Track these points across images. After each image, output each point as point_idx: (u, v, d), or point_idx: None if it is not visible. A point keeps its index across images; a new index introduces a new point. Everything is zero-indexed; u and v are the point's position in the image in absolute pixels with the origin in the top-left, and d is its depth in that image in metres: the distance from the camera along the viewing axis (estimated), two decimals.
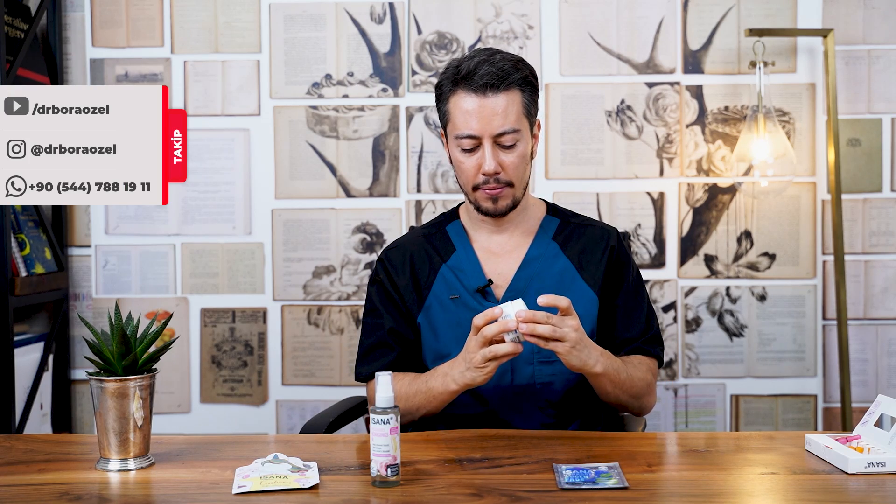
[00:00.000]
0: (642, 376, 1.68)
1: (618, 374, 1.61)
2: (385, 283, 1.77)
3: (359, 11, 2.70)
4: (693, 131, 2.68)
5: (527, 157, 1.69)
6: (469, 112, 1.63)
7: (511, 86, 1.64)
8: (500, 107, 1.62)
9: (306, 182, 2.70)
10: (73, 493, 1.25)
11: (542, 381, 1.68)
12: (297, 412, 2.71)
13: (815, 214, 2.67)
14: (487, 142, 1.64)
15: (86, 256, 2.75)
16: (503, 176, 1.66)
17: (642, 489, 1.24)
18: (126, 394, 1.34)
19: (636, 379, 1.66)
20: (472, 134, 1.64)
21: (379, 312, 1.76)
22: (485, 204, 1.69)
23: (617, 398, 1.65)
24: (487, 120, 1.62)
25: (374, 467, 1.26)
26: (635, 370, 1.67)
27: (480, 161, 1.65)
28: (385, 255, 1.81)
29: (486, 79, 1.62)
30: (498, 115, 1.62)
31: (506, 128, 1.63)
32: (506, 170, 1.65)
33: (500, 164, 1.65)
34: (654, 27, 2.67)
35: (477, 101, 1.63)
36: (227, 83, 2.71)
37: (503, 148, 1.65)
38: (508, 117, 1.63)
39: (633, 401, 1.67)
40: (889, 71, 2.69)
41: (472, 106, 1.63)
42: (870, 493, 1.23)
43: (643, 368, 1.70)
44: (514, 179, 1.67)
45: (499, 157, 1.64)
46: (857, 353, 2.70)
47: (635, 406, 1.69)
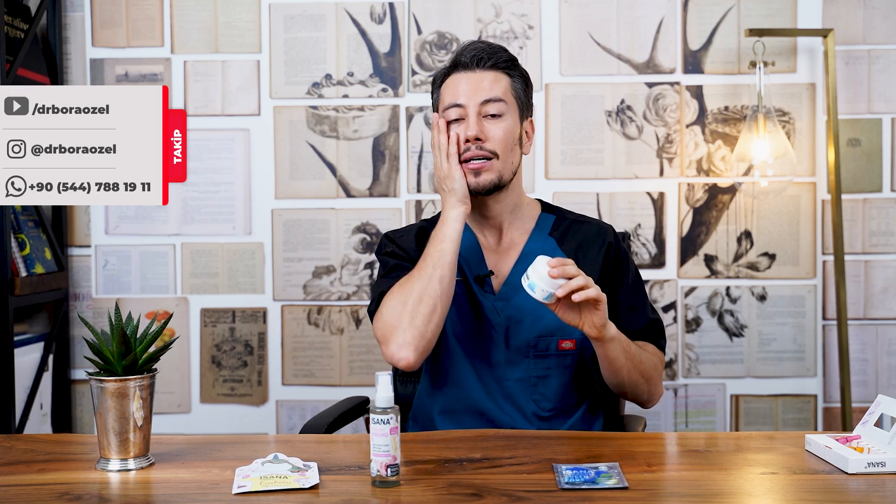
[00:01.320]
0: (650, 359, 1.68)
1: (629, 344, 1.62)
2: (397, 252, 1.76)
3: (359, 11, 2.70)
4: (693, 131, 2.68)
5: (513, 135, 1.69)
6: (457, 85, 1.69)
7: (499, 65, 1.70)
8: (487, 79, 1.68)
9: (306, 182, 2.71)
10: (73, 493, 1.25)
11: (538, 375, 1.68)
12: (297, 412, 2.71)
13: (815, 214, 2.67)
14: (473, 110, 1.67)
15: (86, 256, 2.75)
16: (487, 144, 1.66)
17: (642, 489, 1.24)
18: (126, 394, 1.34)
19: (645, 357, 1.66)
20: (457, 102, 1.67)
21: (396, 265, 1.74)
22: (469, 179, 1.68)
23: (629, 373, 1.63)
24: (474, 90, 1.67)
25: (374, 467, 1.26)
26: (644, 352, 1.67)
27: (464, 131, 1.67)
28: (392, 234, 1.81)
29: (474, 53, 1.69)
30: (484, 86, 1.67)
31: (491, 95, 1.67)
32: (489, 139, 1.66)
33: (483, 133, 1.66)
34: (654, 27, 2.67)
35: (465, 75, 1.69)
36: (227, 83, 2.71)
37: (488, 119, 1.67)
38: (494, 89, 1.68)
39: (643, 381, 1.66)
40: (889, 71, 2.69)
41: (461, 80, 1.69)
42: (870, 493, 1.23)
43: (650, 351, 1.70)
44: (499, 151, 1.67)
45: (483, 126, 1.67)
46: (857, 353, 2.70)
47: (645, 390, 1.68)
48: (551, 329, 1.67)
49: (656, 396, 1.72)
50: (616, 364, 1.62)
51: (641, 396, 1.70)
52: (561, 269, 1.47)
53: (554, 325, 1.67)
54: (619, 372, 1.63)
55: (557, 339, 1.68)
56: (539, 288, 1.49)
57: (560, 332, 1.68)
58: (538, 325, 1.68)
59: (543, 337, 1.68)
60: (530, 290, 1.49)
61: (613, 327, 1.57)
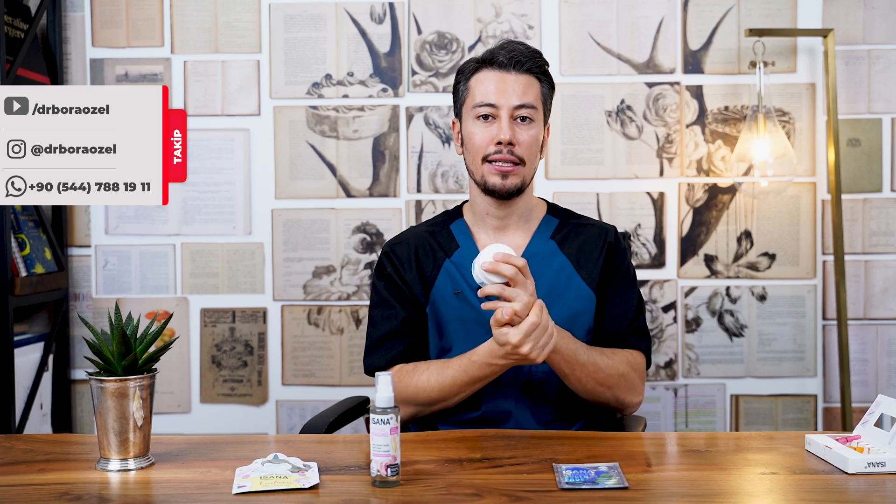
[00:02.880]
0: (614, 366, 1.65)
1: (575, 355, 1.59)
2: (393, 276, 1.76)
3: (359, 11, 2.70)
4: (693, 131, 2.68)
5: (539, 142, 1.71)
6: (491, 83, 1.68)
7: (533, 69, 1.70)
8: (521, 83, 1.68)
9: (306, 182, 2.70)
10: (73, 493, 1.25)
11: (540, 378, 1.68)
12: (297, 412, 2.71)
13: (815, 214, 2.67)
14: (505, 112, 1.67)
15: (86, 256, 2.75)
16: (517, 150, 1.67)
17: (642, 489, 1.24)
18: (126, 394, 1.34)
19: (603, 366, 1.63)
20: (491, 102, 1.67)
21: (390, 304, 1.75)
22: (492, 179, 1.68)
23: (581, 384, 1.62)
24: (509, 92, 1.67)
25: (374, 467, 1.26)
26: (606, 359, 1.64)
27: (495, 132, 1.67)
28: (390, 249, 1.80)
29: (512, 54, 1.68)
30: (519, 90, 1.67)
31: (525, 100, 1.67)
32: (520, 145, 1.67)
33: (515, 138, 1.66)
34: (654, 27, 2.67)
35: (500, 75, 1.68)
36: (227, 83, 2.71)
37: (520, 123, 1.68)
38: (528, 94, 1.68)
39: (603, 390, 1.64)
40: (889, 71, 2.69)
41: (494, 78, 1.69)
42: (870, 493, 1.23)
43: (618, 359, 1.67)
44: (527, 158, 1.68)
45: (515, 130, 1.67)
46: (857, 353, 2.70)
47: (609, 398, 1.66)
48: None
49: (628, 404, 1.69)
50: (561, 372, 1.61)
51: (610, 404, 1.69)
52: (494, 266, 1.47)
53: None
54: (568, 380, 1.63)
55: None
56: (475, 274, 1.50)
57: None
58: None
59: None
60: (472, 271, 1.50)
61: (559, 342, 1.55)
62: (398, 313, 1.74)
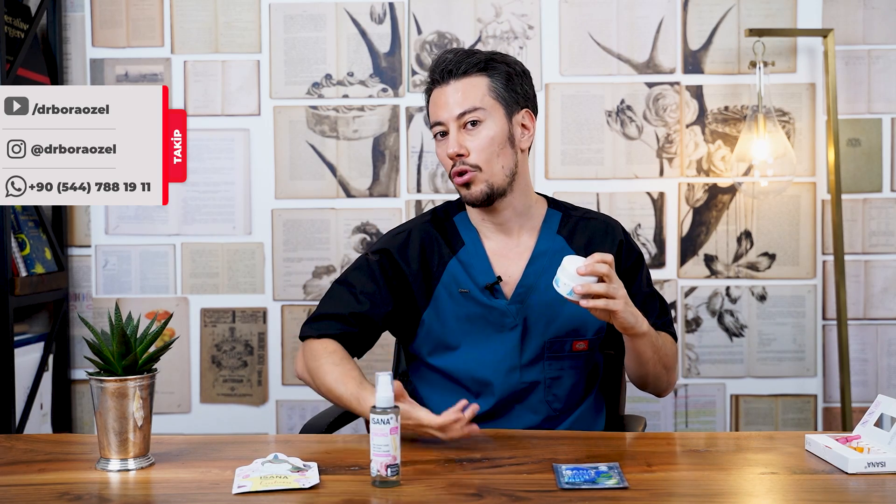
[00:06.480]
0: (671, 348, 1.69)
1: (656, 338, 1.62)
2: (386, 267, 1.73)
3: (359, 11, 2.70)
4: (693, 131, 2.68)
5: (497, 140, 1.66)
6: (436, 101, 1.69)
7: (469, 71, 1.66)
8: (459, 90, 1.66)
9: (306, 182, 2.71)
10: (73, 493, 1.25)
11: (552, 376, 1.69)
12: (297, 412, 2.71)
13: (815, 214, 2.67)
14: (453, 125, 1.66)
15: (86, 256, 2.75)
16: (469, 159, 1.65)
17: (642, 489, 1.24)
18: (126, 394, 1.34)
19: (667, 348, 1.67)
20: (439, 120, 1.67)
21: (364, 291, 1.72)
22: (462, 191, 1.68)
23: (654, 365, 1.64)
24: (450, 104, 1.66)
25: (374, 467, 1.26)
26: (664, 341, 1.68)
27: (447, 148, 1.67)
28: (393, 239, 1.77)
29: (442, 66, 1.67)
30: (458, 98, 1.66)
31: (464, 107, 1.65)
32: (471, 152, 1.65)
33: (464, 147, 1.65)
34: (654, 27, 2.67)
35: (440, 91, 1.68)
36: (227, 83, 2.71)
37: (470, 129, 1.65)
38: (468, 98, 1.65)
39: (664, 372, 1.67)
40: (889, 71, 2.69)
41: (436, 95, 1.69)
42: (870, 493, 1.23)
43: (669, 341, 1.71)
44: (481, 163, 1.65)
45: (463, 139, 1.65)
46: (856, 353, 2.70)
47: (665, 380, 1.69)
48: (565, 330, 1.68)
49: (672, 385, 1.73)
50: (644, 357, 1.62)
51: (661, 386, 1.71)
52: (591, 268, 1.46)
53: (568, 327, 1.68)
54: (646, 365, 1.64)
55: (571, 341, 1.69)
56: (563, 283, 1.48)
57: (574, 334, 1.69)
58: (552, 326, 1.68)
59: (558, 339, 1.68)
60: (555, 285, 1.49)
61: (646, 324, 1.57)
62: (362, 305, 1.70)
